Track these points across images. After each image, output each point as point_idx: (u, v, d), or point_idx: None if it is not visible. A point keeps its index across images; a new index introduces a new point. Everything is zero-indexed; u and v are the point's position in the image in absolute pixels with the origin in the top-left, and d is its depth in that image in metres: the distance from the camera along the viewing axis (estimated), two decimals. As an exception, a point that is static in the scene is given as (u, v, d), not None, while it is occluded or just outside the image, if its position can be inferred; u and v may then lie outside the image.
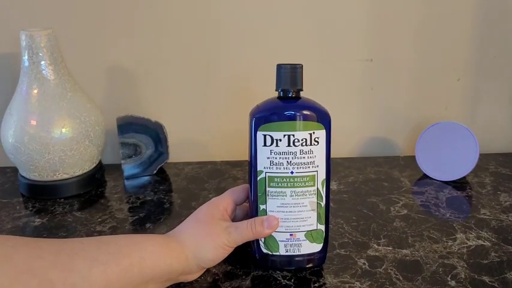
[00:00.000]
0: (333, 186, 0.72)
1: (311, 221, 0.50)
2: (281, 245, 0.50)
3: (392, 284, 0.49)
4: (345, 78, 0.82)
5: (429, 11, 0.79)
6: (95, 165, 0.74)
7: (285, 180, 0.48)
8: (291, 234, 0.50)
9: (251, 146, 0.49)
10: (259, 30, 0.79)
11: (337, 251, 0.56)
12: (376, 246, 0.56)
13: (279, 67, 0.49)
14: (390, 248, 0.56)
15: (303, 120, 0.47)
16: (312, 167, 0.48)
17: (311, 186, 0.49)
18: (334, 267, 0.52)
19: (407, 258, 0.54)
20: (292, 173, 0.48)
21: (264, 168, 0.48)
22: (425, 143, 0.75)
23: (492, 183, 0.72)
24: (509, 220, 0.62)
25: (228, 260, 0.54)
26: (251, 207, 0.51)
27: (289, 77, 0.49)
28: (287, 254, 0.50)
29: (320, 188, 0.49)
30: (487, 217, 0.63)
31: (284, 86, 0.49)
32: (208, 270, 0.52)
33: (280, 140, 0.47)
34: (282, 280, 0.51)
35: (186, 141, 0.84)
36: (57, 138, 0.67)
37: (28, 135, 0.66)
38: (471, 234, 0.59)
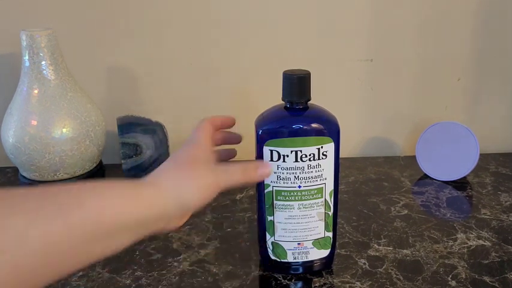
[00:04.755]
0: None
1: (318, 230, 0.49)
2: (289, 253, 0.50)
3: (393, 284, 0.49)
4: (345, 78, 0.82)
5: (429, 11, 0.79)
6: (95, 165, 0.74)
7: (292, 194, 0.47)
8: (298, 243, 0.50)
9: (257, 158, 0.48)
10: (259, 31, 0.79)
11: (338, 251, 0.56)
12: (377, 246, 0.56)
13: (286, 77, 0.46)
14: (391, 248, 0.56)
15: (311, 135, 0.46)
16: (320, 180, 0.47)
17: (319, 198, 0.48)
18: (334, 267, 0.53)
19: (407, 258, 0.54)
20: (299, 187, 0.47)
21: (271, 182, 0.47)
22: (425, 143, 0.75)
23: (492, 183, 0.73)
24: (510, 220, 0.62)
25: (228, 260, 0.54)
26: (258, 217, 0.50)
27: (297, 87, 0.46)
28: (295, 261, 0.51)
29: (328, 199, 0.49)
30: (488, 217, 0.63)
31: (291, 98, 0.47)
32: (208, 270, 0.52)
33: (288, 156, 0.46)
34: (282, 280, 0.51)
35: (186, 141, 0.84)
36: (57, 138, 0.67)
37: (28, 135, 0.66)
38: (471, 234, 0.59)
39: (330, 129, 0.47)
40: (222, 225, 0.62)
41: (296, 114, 0.47)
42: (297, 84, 0.46)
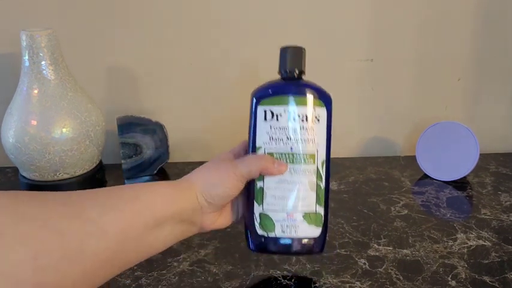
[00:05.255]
0: (333, 186, 0.72)
1: (309, 201, 0.46)
2: (277, 225, 0.46)
3: (393, 284, 0.49)
4: (345, 78, 0.82)
5: (429, 11, 0.79)
6: (95, 165, 0.74)
7: (284, 156, 0.46)
8: (288, 214, 0.46)
9: (251, 122, 0.47)
10: (259, 31, 0.79)
11: (338, 250, 0.56)
12: (377, 246, 0.56)
13: (282, 50, 0.48)
14: (391, 248, 0.56)
15: (305, 96, 0.46)
16: (312, 144, 0.46)
17: (311, 164, 0.46)
18: (334, 267, 0.52)
19: (407, 258, 0.54)
20: (291, 149, 0.46)
21: (263, 143, 0.46)
22: (425, 143, 0.75)
23: (492, 183, 0.72)
24: (510, 220, 0.62)
25: (228, 260, 0.54)
26: (247, 185, 0.48)
27: (291, 58, 0.48)
28: (283, 236, 0.46)
29: (320, 168, 0.47)
30: (488, 217, 0.63)
31: (285, 68, 0.48)
32: (208, 270, 0.52)
33: (281, 115, 0.46)
34: (282, 280, 0.51)
35: (186, 141, 0.84)
36: (57, 138, 0.66)
37: (29, 135, 0.66)
38: (472, 234, 0.59)
39: (323, 96, 0.47)
40: (222, 225, 0.62)
41: (291, 81, 0.48)
42: (291, 55, 0.48)
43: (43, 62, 0.66)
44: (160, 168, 0.78)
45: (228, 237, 0.59)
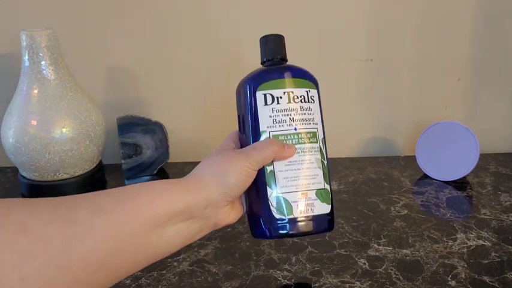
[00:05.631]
0: (333, 186, 0.72)
1: (319, 178, 0.47)
2: (294, 206, 0.46)
3: (393, 284, 0.49)
4: (345, 78, 0.82)
5: (429, 11, 0.79)
6: (95, 165, 0.74)
7: (289, 137, 0.47)
8: (302, 194, 0.46)
9: (249, 109, 0.48)
10: (259, 31, 0.79)
11: (338, 250, 0.56)
12: (377, 246, 0.56)
13: (261, 39, 0.51)
14: (390, 248, 0.56)
15: (299, 77, 0.48)
16: (313, 123, 0.48)
17: (314, 142, 0.47)
18: (334, 267, 0.52)
19: (407, 258, 0.54)
20: (295, 129, 0.47)
21: (267, 127, 0.47)
22: (425, 143, 0.75)
23: (492, 183, 0.72)
24: (510, 220, 0.62)
25: (228, 260, 0.54)
26: (256, 176, 0.47)
27: (271, 45, 0.50)
28: (301, 215, 0.46)
29: (321, 146, 0.48)
30: (488, 217, 0.63)
31: (268, 56, 0.50)
32: (208, 270, 0.52)
33: (281, 98, 0.47)
34: (282, 280, 0.51)
35: (186, 141, 0.84)
36: (57, 138, 0.67)
37: (28, 135, 0.66)
38: (471, 234, 0.59)
39: (312, 78, 0.49)
40: (222, 225, 0.62)
41: (278, 66, 0.50)
42: (272, 42, 0.50)
43: (43, 62, 0.66)
44: (160, 168, 0.78)
45: (228, 237, 0.59)
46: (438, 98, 0.84)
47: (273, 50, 0.50)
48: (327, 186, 0.48)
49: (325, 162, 0.48)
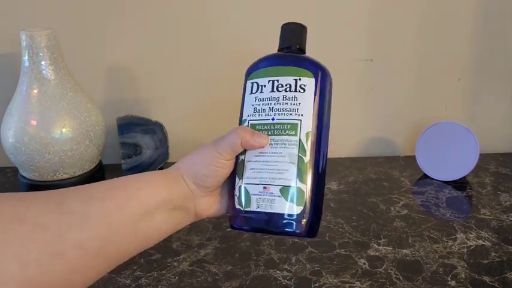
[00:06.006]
0: (333, 186, 0.72)
1: (288, 174, 0.43)
2: (253, 198, 0.43)
3: (393, 284, 0.49)
4: (345, 78, 0.82)
5: (429, 11, 0.79)
6: (95, 165, 0.74)
7: (265, 127, 0.44)
8: (264, 187, 0.43)
9: (242, 97, 0.47)
10: (259, 31, 0.79)
11: (337, 251, 0.56)
12: (377, 246, 0.56)
13: (283, 26, 0.47)
14: (390, 248, 0.56)
15: (289, 65, 0.45)
16: (295, 114, 0.44)
17: (292, 135, 0.43)
18: (334, 267, 0.52)
19: (407, 258, 0.54)
20: (273, 119, 0.44)
21: (248, 116, 0.45)
22: (425, 143, 0.75)
23: (492, 183, 0.72)
24: (510, 220, 0.62)
25: (228, 260, 0.54)
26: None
27: (290, 34, 0.47)
28: (258, 210, 0.43)
29: (303, 140, 0.43)
30: (487, 217, 0.63)
31: (284, 44, 0.47)
32: (208, 270, 0.52)
33: (265, 86, 0.45)
34: (282, 280, 0.51)
35: (186, 141, 0.84)
36: (57, 138, 0.67)
37: (28, 135, 0.66)
38: (471, 234, 0.59)
39: (312, 66, 0.45)
40: (222, 225, 0.62)
41: (273, 54, 0.47)
42: (291, 31, 0.47)
43: (43, 62, 0.66)
44: (160, 168, 0.78)
45: (228, 237, 0.59)
46: (438, 98, 0.84)
47: (287, 39, 0.47)
48: (301, 186, 0.42)
49: (306, 159, 0.43)
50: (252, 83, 0.46)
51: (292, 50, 0.47)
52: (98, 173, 0.74)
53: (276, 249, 0.56)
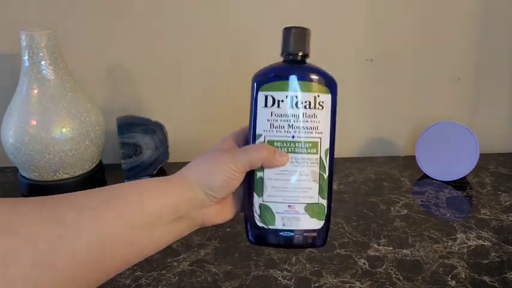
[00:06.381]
0: (333, 186, 0.72)
1: (312, 192, 0.44)
2: (278, 217, 0.44)
3: (393, 284, 0.49)
4: (345, 78, 0.82)
5: (429, 11, 0.79)
6: (95, 165, 0.74)
7: (285, 145, 0.44)
8: (289, 206, 0.44)
9: (251, 109, 0.45)
10: (258, 31, 0.79)
11: (337, 251, 0.56)
12: (377, 246, 0.56)
13: (285, 30, 0.46)
14: (390, 248, 0.56)
15: (308, 81, 0.44)
16: (316, 132, 0.44)
17: (314, 153, 0.44)
18: (334, 267, 0.52)
19: (407, 258, 0.54)
20: (293, 137, 0.44)
21: (264, 131, 0.44)
22: (425, 143, 0.75)
23: (492, 183, 0.72)
24: (510, 220, 0.62)
25: (228, 260, 0.54)
26: (246, 177, 0.45)
27: (294, 40, 0.45)
28: (284, 228, 0.44)
29: (323, 158, 0.45)
30: (487, 217, 0.63)
31: (289, 50, 0.46)
32: (208, 270, 0.52)
33: (282, 101, 0.44)
34: (282, 280, 0.51)
35: (186, 141, 0.84)
36: (57, 138, 0.66)
37: (28, 135, 0.66)
38: (471, 234, 0.59)
39: (328, 82, 0.45)
40: (222, 225, 0.61)
41: (294, 64, 0.46)
42: (294, 36, 0.46)
43: (43, 62, 0.66)
44: (160, 168, 0.78)
45: (228, 237, 0.59)
46: (438, 98, 0.84)
47: (292, 45, 0.46)
48: (322, 201, 0.45)
49: (325, 176, 0.45)
50: (266, 96, 0.44)
51: (298, 57, 0.46)
52: (98, 173, 0.74)
53: (276, 249, 0.56)
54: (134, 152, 0.75)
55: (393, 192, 0.70)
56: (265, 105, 0.44)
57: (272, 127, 0.44)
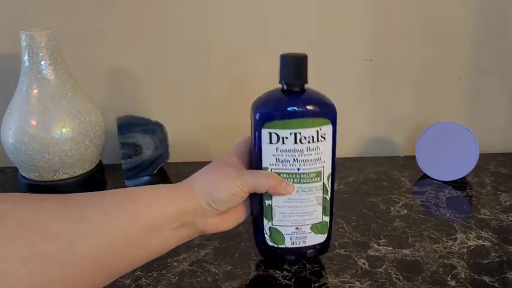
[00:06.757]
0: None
1: (316, 214, 0.49)
2: (287, 238, 0.50)
3: (393, 284, 0.49)
4: (345, 78, 0.82)
5: (429, 11, 0.79)
6: (95, 165, 0.74)
7: (291, 176, 0.47)
8: (296, 228, 0.49)
9: (255, 142, 0.47)
10: (259, 31, 0.79)
11: (337, 251, 0.56)
12: (376, 246, 0.56)
13: (283, 58, 0.46)
14: (390, 248, 0.56)
15: (310, 117, 0.46)
16: (319, 163, 0.47)
17: (317, 182, 0.48)
18: (334, 267, 0.52)
19: (407, 258, 0.54)
20: (298, 169, 0.47)
21: (270, 164, 0.47)
22: (425, 143, 0.75)
23: (492, 183, 0.72)
24: (510, 220, 0.62)
25: (228, 260, 0.54)
26: (255, 201, 0.49)
27: (294, 69, 0.46)
28: (292, 246, 0.50)
29: (326, 183, 0.48)
30: (487, 217, 0.63)
31: (288, 80, 0.47)
32: (208, 270, 0.52)
33: (287, 138, 0.46)
34: (282, 280, 0.51)
35: (186, 141, 0.84)
36: (57, 138, 0.66)
37: (28, 135, 0.66)
38: (471, 234, 0.59)
39: (328, 111, 0.47)
40: (222, 225, 0.62)
41: (293, 97, 0.47)
42: (293, 65, 0.46)
43: (43, 62, 0.66)
44: (160, 168, 0.78)
45: (228, 237, 0.59)
46: (438, 98, 0.84)
47: (291, 74, 0.47)
48: (326, 218, 0.50)
49: (328, 197, 0.49)
50: (270, 133, 0.46)
51: (298, 87, 0.47)
52: (98, 173, 0.74)
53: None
54: (134, 152, 0.75)
55: (393, 192, 0.70)
56: (270, 142, 0.47)
57: (278, 161, 0.47)
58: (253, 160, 0.48)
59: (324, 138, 0.47)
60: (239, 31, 0.79)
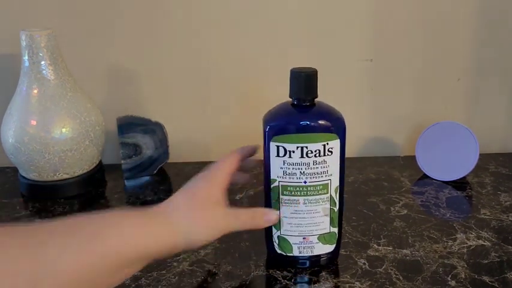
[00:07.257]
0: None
1: (324, 225, 0.50)
2: (294, 247, 0.51)
3: (393, 284, 0.49)
4: (344, 78, 0.82)
5: (429, 11, 0.79)
6: (95, 165, 0.74)
7: (298, 189, 0.48)
8: (304, 238, 0.50)
9: (265, 154, 0.49)
10: (259, 30, 0.79)
11: (337, 251, 0.56)
12: (376, 246, 0.56)
13: (294, 74, 0.48)
14: (390, 248, 0.56)
15: (317, 132, 0.47)
16: (325, 176, 0.48)
17: (324, 194, 0.49)
18: (334, 267, 0.53)
19: (407, 258, 0.54)
20: (305, 182, 0.48)
21: (277, 177, 0.49)
22: (425, 143, 0.75)
23: (492, 183, 0.72)
24: (510, 220, 0.62)
25: (228, 260, 0.54)
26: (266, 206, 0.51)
27: (304, 85, 0.48)
28: (300, 255, 0.51)
29: (333, 195, 0.49)
30: (487, 217, 0.63)
31: (299, 95, 0.48)
32: (208, 270, 0.52)
33: (293, 152, 0.47)
34: (282, 280, 0.51)
35: (186, 141, 0.84)
36: (57, 138, 0.67)
37: (28, 136, 0.66)
38: (471, 234, 0.59)
39: (336, 126, 0.48)
40: (222, 225, 0.62)
41: (303, 111, 0.48)
42: (304, 81, 0.48)
43: (43, 62, 0.66)
44: (160, 168, 0.78)
45: (228, 237, 0.59)
46: (438, 98, 0.84)
47: (302, 90, 0.48)
48: (334, 229, 0.51)
49: (336, 209, 0.50)
50: (278, 147, 0.47)
51: (308, 102, 0.48)
52: (98, 173, 0.74)
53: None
54: (134, 152, 0.75)
55: (393, 192, 0.70)
56: (277, 155, 0.48)
57: (285, 174, 0.48)
58: (264, 169, 0.50)
59: (331, 152, 0.48)
60: (239, 31, 0.79)
